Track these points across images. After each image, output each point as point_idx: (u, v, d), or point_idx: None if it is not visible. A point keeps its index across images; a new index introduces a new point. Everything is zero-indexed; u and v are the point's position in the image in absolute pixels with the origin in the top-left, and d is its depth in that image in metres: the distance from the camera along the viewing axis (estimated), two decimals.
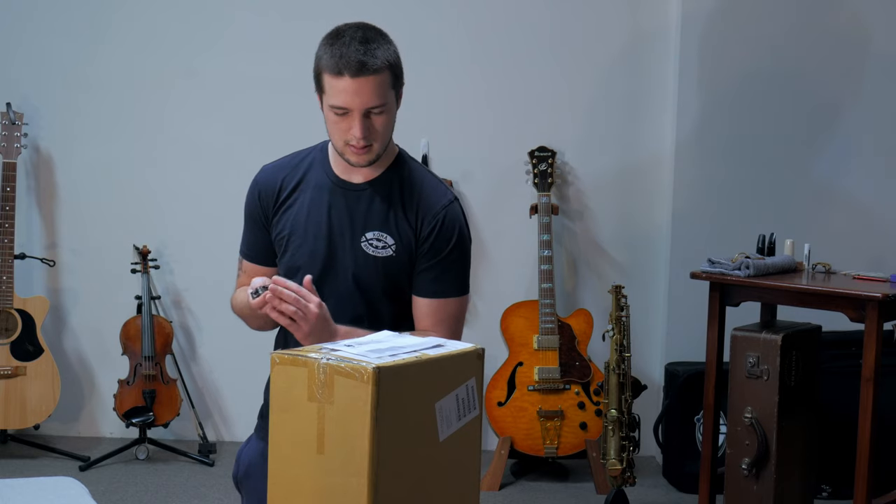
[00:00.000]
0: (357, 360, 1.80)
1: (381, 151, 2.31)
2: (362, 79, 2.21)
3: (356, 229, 2.30)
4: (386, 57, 2.26)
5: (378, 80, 2.23)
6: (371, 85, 2.22)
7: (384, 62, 2.25)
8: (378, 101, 2.24)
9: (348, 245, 2.30)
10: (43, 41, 4.59)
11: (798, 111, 4.46)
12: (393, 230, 2.30)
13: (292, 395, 1.84)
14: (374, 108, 2.24)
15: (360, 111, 2.22)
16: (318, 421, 1.81)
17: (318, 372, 1.81)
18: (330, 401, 1.80)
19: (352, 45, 2.22)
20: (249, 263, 2.44)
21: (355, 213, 2.31)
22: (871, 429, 3.25)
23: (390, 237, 2.30)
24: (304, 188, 2.36)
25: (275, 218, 2.37)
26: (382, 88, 2.25)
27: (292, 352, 1.87)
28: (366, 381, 1.76)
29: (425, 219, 2.31)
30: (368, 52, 2.23)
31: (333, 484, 1.81)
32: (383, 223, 2.30)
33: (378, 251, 2.29)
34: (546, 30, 4.57)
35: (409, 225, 2.31)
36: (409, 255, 2.31)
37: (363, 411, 1.76)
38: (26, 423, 4.34)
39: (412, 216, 2.31)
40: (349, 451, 1.79)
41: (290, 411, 1.85)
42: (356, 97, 2.22)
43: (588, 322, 4.34)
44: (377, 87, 2.23)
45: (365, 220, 2.31)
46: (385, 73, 2.25)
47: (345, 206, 2.32)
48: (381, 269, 2.30)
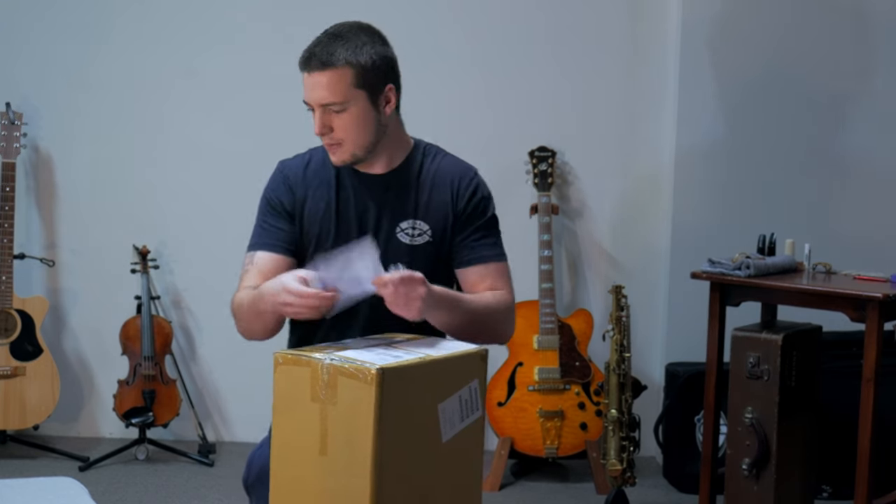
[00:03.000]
0: (361, 361, 1.80)
1: (361, 151, 2.29)
2: (316, 74, 2.22)
3: (389, 220, 2.30)
4: (349, 55, 2.24)
5: (333, 76, 2.22)
6: (324, 81, 2.22)
7: (344, 59, 2.23)
8: (333, 98, 2.23)
9: (383, 238, 2.29)
10: (43, 41, 4.59)
11: (798, 111, 4.45)
12: (428, 215, 2.31)
13: (295, 395, 1.84)
14: (331, 105, 2.23)
15: (316, 107, 2.24)
16: (320, 421, 1.81)
17: (321, 372, 1.81)
18: (333, 401, 1.80)
19: (319, 40, 2.26)
20: (266, 255, 2.35)
21: (384, 205, 2.31)
22: (871, 429, 3.25)
23: (425, 223, 2.31)
24: (330, 183, 2.35)
25: (303, 211, 2.35)
26: (339, 86, 2.23)
27: (295, 352, 1.87)
28: (369, 382, 1.76)
29: (459, 191, 2.34)
30: (329, 47, 2.23)
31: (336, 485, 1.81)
32: (416, 210, 2.31)
33: (415, 239, 2.30)
34: (546, 29, 4.57)
35: (444, 204, 2.32)
36: (448, 235, 2.32)
37: (366, 412, 1.76)
38: (26, 423, 4.34)
39: (445, 194, 2.33)
40: (352, 452, 1.79)
41: (293, 412, 1.85)
42: (311, 92, 2.24)
43: (588, 322, 4.34)
44: (332, 83, 2.22)
45: (396, 211, 2.31)
46: (344, 70, 2.23)
47: (372, 197, 2.32)
48: (421, 257, 2.29)
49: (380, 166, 2.34)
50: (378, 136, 2.31)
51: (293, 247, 2.36)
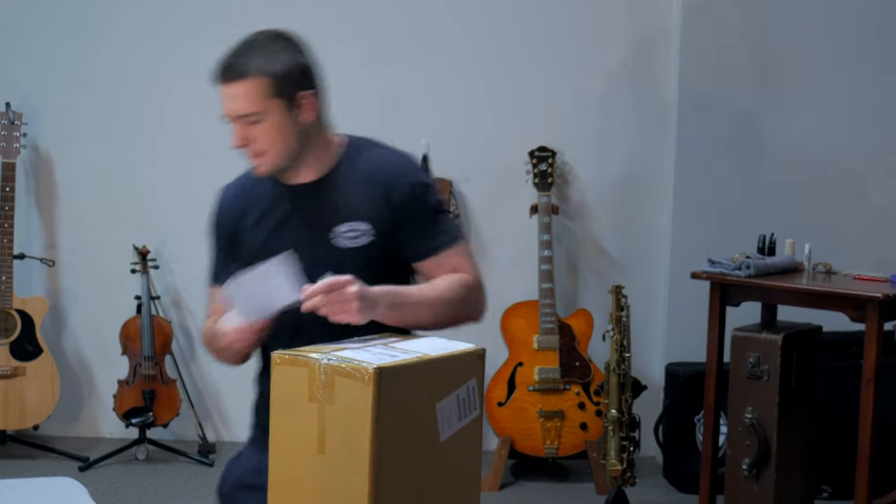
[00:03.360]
0: (358, 361, 1.80)
1: (282, 161, 2.23)
2: (230, 85, 2.18)
3: (326, 226, 2.24)
4: (263, 64, 2.18)
5: (247, 86, 2.16)
6: (238, 91, 2.17)
7: (258, 69, 2.17)
8: (249, 108, 2.17)
9: (323, 245, 2.23)
10: (43, 41, 4.59)
11: (798, 111, 4.45)
12: (366, 214, 2.24)
13: (293, 395, 1.84)
14: (248, 115, 2.18)
15: (231, 117, 2.19)
16: (318, 421, 1.81)
17: (318, 372, 1.81)
18: (331, 401, 1.80)
19: (232, 51, 2.20)
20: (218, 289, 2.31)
21: (318, 212, 2.25)
22: (871, 429, 3.25)
23: (363, 223, 2.24)
24: (263, 200, 2.30)
25: (240, 232, 2.32)
26: (254, 95, 2.16)
27: (293, 352, 1.86)
28: (367, 382, 1.76)
29: (395, 185, 2.25)
30: (241, 57, 2.19)
31: (334, 484, 1.81)
32: (352, 212, 2.24)
33: (357, 241, 2.23)
34: (546, 29, 4.56)
35: (381, 199, 2.25)
36: (391, 230, 2.25)
37: (364, 412, 1.76)
38: (25, 423, 4.34)
39: (381, 190, 2.25)
40: (350, 452, 1.79)
41: (291, 412, 1.85)
42: (226, 104, 2.19)
43: (588, 322, 4.34)
44: (247, 93, 2.16)
45: (330, 216, 2.24)
46: (257, 79, 2.16)
47: (305, 208, 2.27)
48: (366, 258, 2.23)
49: (309, 174, 2.27)
50: (299, 143, 2.22)
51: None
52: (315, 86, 2.28)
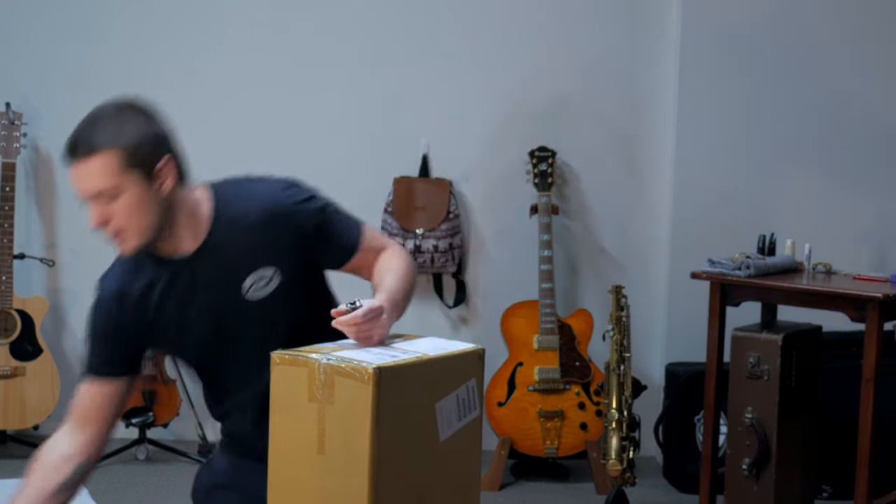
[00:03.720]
0: (357, 361, 1.80)
1: (147, 235, 2.12)
2: (81, 163, 2.06)
3: (231, 288, 2.16)
4: (112, 137, 2.06)
5: (99, 162, 2.04)
6: (90, 169, 2.05)
7: (107, 143, 2.05)
8: (103, 185, 2.05)
9: (234, 307, 2.17)
10: (43, 41, 4.59)
11: (798, 110, 4.45)
12: (268, 258, 2.17)
13: (292, 395, 1.84)
14: (101, 193, 2.05)
15: (85, 197, 2.07)
16: (318, 421, 1.81)
17: (318, 372, 1.81)
18: (330, 401, 1.80)
19: (78, 128, 2.10)
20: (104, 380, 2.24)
21: (217, 276, 2.17)
22: (871, 429, 3.25)
23: (267, 269, 2.17)
24: (153, 285, 2.20)
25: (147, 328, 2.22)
26: (107, 171, 2.04)
27: (292, 352, 1.86)
28: (366, 382, 1.76)
29: (280, 217, 2.18)
30: (89, 133, 2.07)
31: (334, 484, 1.81)
32: (252, 262, 2.16)
33: (266, 288, 2.17)
34: (546, 29, 4.56)
35: (280, 237, 2.17)
36: (300, 261, 2.20)
37: (364, 412, 1.76)
38: (25, 423, 4.34)
39: (270, 229, 2.17)
40: (350, 452, 1.79)
41: (290, 411, 1.85)
42: (79, 183, 2.08)
43: (588, 322, 4.34)
44: (99, 170, 2.04)
45: (232, 275, 2.16)
46: (108, 153, 2.05)
47: (201, 277, 2.17)
48: (281, 299, 2.18)
49: (188, 242, 2.17)
50: (163, 214, 2.11)
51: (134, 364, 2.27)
52: (171, 151, 2.17)
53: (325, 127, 4.59)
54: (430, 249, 4.37)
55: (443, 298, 4.56)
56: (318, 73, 4.57)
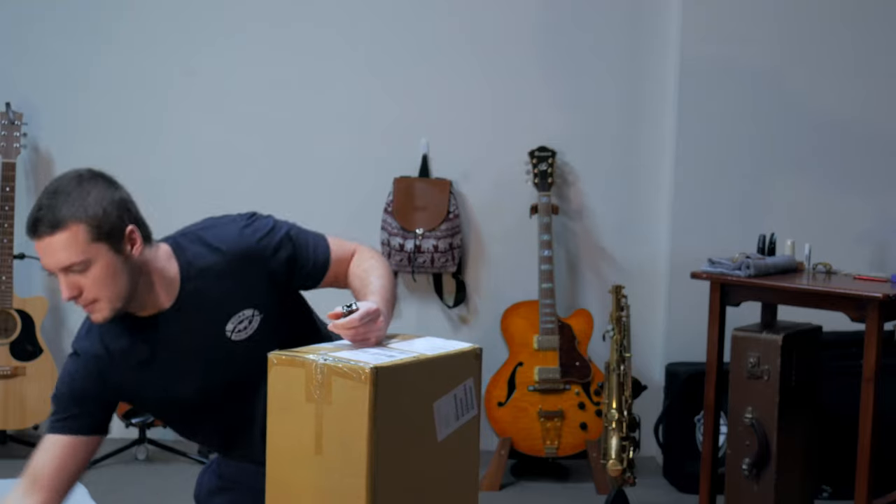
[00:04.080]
0: (355, 361, 1.80)
1: (121, 302, 2.11)
2: (46, 239, 2.02)
3: (214, 334, 2.18)
4: (77, 210, 2.03)
5: (65, 237, 2.02)
6: (57, 244, 2.02)
7: (73, 216, 2.02)
8: (73, 258, 2.03)
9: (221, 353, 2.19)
10: (43, 41, 4.59)
11: (799, 110, 4.45)
12: (246, 300, 2.19)
13: (290, 395, 1.84)
14: (72, 266, 2.04)
15: (56, 271, 2.05)
16: (315, 421, 1.81)
17: (315, 372, 1.81)
18: (328, 401, 1.80)
19: (40, 204, 2.05)
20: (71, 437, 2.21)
21: (198, 329, 2.18)
22: (871, 429, 3.25)
23: (247, 309, 2.19)
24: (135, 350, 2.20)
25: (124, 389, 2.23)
26: (75, 245, 2.03)
27: (290, 352, 1.86)
28: (364, 382, 1.76)
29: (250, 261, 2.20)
30: (52, 209, 2.03)
31: (332, 484, 1.81)
32: (229, 308, 2.18)
33: (249, 328, 2.20)
34: (546, 29, 4.56)
35: (252, 279, 2.19)
36: (277, 297, 2.22)
37: (361, 412, 1.76)
38: (25, 423, 4.34)
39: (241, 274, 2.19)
40: (347, 452, 1.79)
41: (288, 411, 1.85)
42: (47, 259, 2.04)
43: (588, 322, 4.34)
44: (67, 244, 2.02)
45: (213, 323, 2.18)
46: (76, 227, 2.02)
47: (183, 332, 2.18)
48: (265, 335, 2.20)
49: (163, 299, 2.17)
50: (133, 280, 2.11)
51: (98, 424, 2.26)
52: (134, 217, 2.17)
53: (325, 127, 4.59)
54: (430, 249, 4.37)
55: (443, 298, 4.56)
56: (317, 73, 4.57)
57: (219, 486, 2.44)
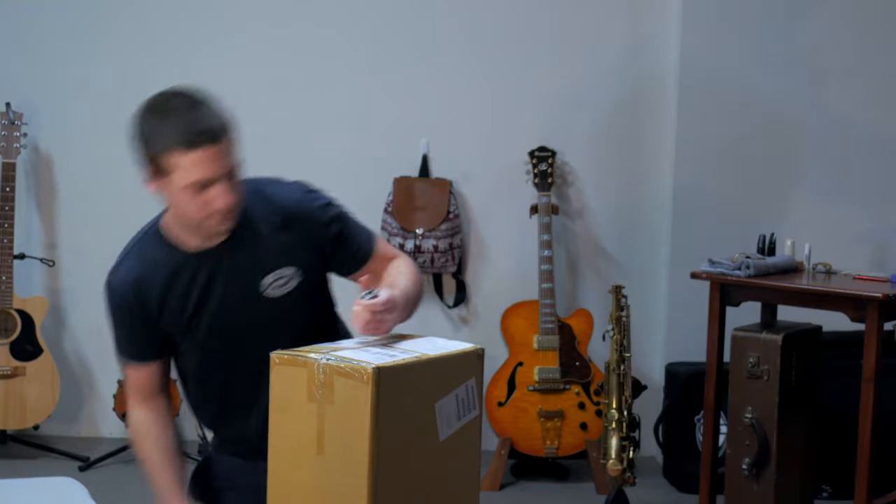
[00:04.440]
0: (357, 361, 1.80)
1: (237, 217, 2.19)
2: (207, 148, 2.07)
3: (250, 285, 2.21)
4: (224, 122, 2.13)
5: (223, 146, 2.11)
6: (226, 147, 2.11)
7: (223, 127, 2.12)
8: (228, 166, 2.11)
9: (253, 303, 2.21)
10: (43, 41, 4.59)
11: (798, 110, 4.45)
12: (289, 258, 2.22)
13: (291, 395, 1.84)
14: (231, 172, 2.12)
15: (223, 176, 2.10)
16: (317, 421, 1.81)
17: (317, 372, 1.81)
18: (330, 401, 1.80)
19: (191, 112, 2.10)
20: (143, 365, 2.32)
21: (238, 271, 2.21)
22: (871, 429, 3.25)
23: (288, 267, 2.22)
24: (169, 282, 2.24)
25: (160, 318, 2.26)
26: (231, 151, 2.13)
27: (292, 352, 1.86)
28: (366, 382, 1.76)
29: (304, 223, 2.24)
30: (212, 115, 2.12)
31: (333, 484, 1.81)
32: (272, 261, 2.21)
33: (285, 287, 2.22)
34: (546, 29, 4.56)
35: (301, 240, 2.23)
36: (316, 265, 2.25)
37: (363, 412, 1.76)
38: (26, 423, 4.34)
39: (293, 231, 2.23)
40: (349, 452, 1.79)
41: (290, 411, 1.85)
42: (217, 164, 2.08)
43: (588, 322, 4.34)
44: (230, 147, 2.12)
45: (253, 271, 2.21)
46: (228, 137, 2.13)
47: (221, 273, 2.22)
48: (297, 299, 2.23)
49: (215, 237, 2.21)
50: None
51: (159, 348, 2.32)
52: None
53: (325, 127, 4.59)
54: (430, 249, 4.37)
55: (443, 298, 4.57)
56: (318, 72, 4.57)
57: (217, 487, 2.42)
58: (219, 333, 2.25)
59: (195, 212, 2.13)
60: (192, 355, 2.33)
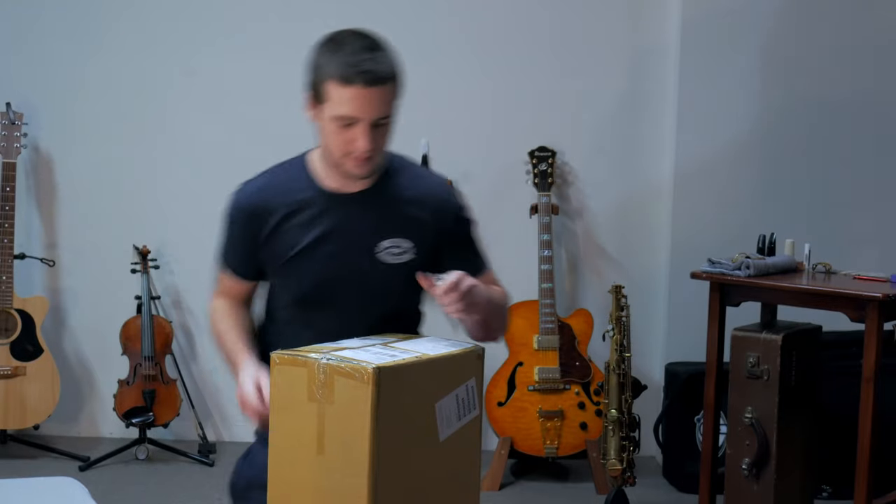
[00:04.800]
0: (357, 361, 1.80)
1: (380, 162, 2.26)
2: (375, 89, 2.14)
3: (368, 242, 2.25)
4: (393, 67, 2.20)
5: (388, 90, 2.18)
6: (381, 95, 2.16)
7: (393, 72, 2.20)
8: (387, 111, 2.18)
9: (365, 259, 2.24)
10: (43, 41, 4.59)
11: (798, 110, 4.45)
12: (409, 232, 2.26)
13: (292, 394, 1.84)
14: (382, 118, 2.18)
15: (368, 121, 2.15)
16: (317, 421, 1.81)
17: (317, 372, 1.81)
18: (330, 401, 1.80)
19: (361, 53, 2.15)
20: (232, 277, 2.39)
21: (362, 225, 2.25)
22: (871, 429, 3.25)
23: (407, 241, 2.26)
24: (299, 207, 2.27)
25: (270, 240, 2.29)
26: (390, 99, 2.19)
27: (292, 352, 1.87)
28: (366, 382, 1.76)
29: (442, 209, 2.30)
30: (378, 60, 2.17)
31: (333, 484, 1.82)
32: (396, 228, 2.26)
33: (399, 257, 2.26)
34: (546, 29, 4.57)
35: (426, 221, 2.28)
36: (430, 251, 2.29)
37: (363, 411, 1.77)
38: (26, 423, 4.34)
39: (426, 211, 2.28)
40: (349, 452, 1.79)
41: (290, 411, 1.85)
42: (367, 107, 2.15)
43: (588, 322, 4.34)
44: (386, 97, 2.18)
45: (375, 231, 2.25)
46: (394, 83, 2.20)
47: (348, 219, 2.26)
48: (404, 274, 2.25)
49: (358, 183, 2.26)
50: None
51: (256, 271, 2.36)
52: None
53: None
54: None
55: None
56: None
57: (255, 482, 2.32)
58: (320, 279, 2.26)
59: (337, 146, 2.18)
60: (285, 294, 2.34)
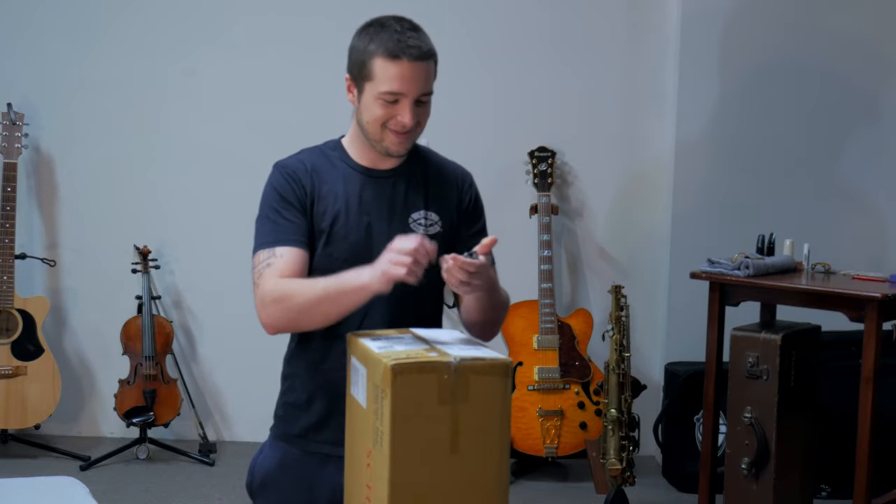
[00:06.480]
0: (483, 357, 1.86)
1: (415, 140, 2.34)
2: (422, 64, 2.22)
3: (400, 213, 2.32)
4: (433, 49, 2.29)
5: (430, 67, 2.26)
6: (425, 71, 2.24)
7: (434, 50, 2.28)
8: (429, 87, 2.26)
9: (395, 230, 2.29)
10: (43, 41, 4.60)
11: (798, 111, 4.46)
12: (437, 207, 2.35)
13: (420, 402, 1.84)
14: (425, 94, 2.25)
15: (413, 97, 2.23)
16: (451, 421, 1.84)
17: (449, 373, 1.83)
18: (465, 399, 1.83)
19: (405, 32, 2.25)
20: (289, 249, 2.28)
21: (395, 197, 2.33)
22: (870, 429, 3.25)
23: (436, 214, 2.35)
24: (335, 180, 2.34)
25: (314, 207, 2.33)
26: (432, 76, 2.28)
27: (413, 361, 1.84)
28: (500, 375, 1.82)
29: (463, 188, 2.41)
30: (422, 39, 2.26)
31: (468, 480, 1.85)
32: (426, 202, 2.35)
33: (428, 229, 2.34)
34: (546, 29, 4.57)
35: (451, 199, 2.38)
36: (453, 228, 2.39)
37: (500, 403, 1.83)
38: (27, 422, 4.35)
39: (451, 190, 2.38)
40: (484, 445, 1.85)
41: (417, 418, 1.84)
42: (413, 82, 2.22)
43: (588, 322, 4.35)
44: (430, 74, 2.26)
45: (406, 203, 2.33)
46: (435, 61, 2.28)
47: (381, 193, 2.33)
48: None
49: (390, 161, 2.34)
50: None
51: (308, 240, 2.33)
52: None
53: (325, 127, 4.55)
54: None
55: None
56: (318, 72, 4.57)
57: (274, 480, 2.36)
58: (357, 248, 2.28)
59: (377, 121, 2.24)
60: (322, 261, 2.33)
